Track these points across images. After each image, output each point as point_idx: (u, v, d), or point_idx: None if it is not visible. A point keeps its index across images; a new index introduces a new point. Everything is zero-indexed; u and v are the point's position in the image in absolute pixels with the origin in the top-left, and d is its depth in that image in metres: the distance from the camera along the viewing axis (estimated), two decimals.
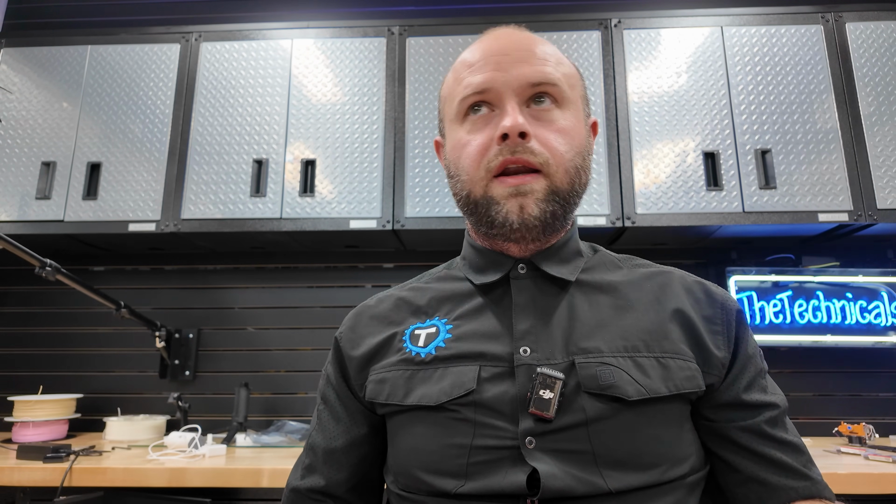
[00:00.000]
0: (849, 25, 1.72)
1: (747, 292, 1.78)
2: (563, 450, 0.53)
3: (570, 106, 0.62)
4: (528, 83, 0.59)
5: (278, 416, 1.84)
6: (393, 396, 0.60)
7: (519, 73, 0.59)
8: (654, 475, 0.53)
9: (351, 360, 0.66)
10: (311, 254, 1.99)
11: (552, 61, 0.62)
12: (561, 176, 0.59)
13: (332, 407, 0.68)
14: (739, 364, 0.60)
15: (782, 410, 0.59)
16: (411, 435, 0.59)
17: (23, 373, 1.94)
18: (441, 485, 0.55)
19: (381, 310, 0.69)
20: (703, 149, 1.65)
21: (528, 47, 0.61)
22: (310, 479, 0.66)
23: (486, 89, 0.60)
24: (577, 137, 0.61)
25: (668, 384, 0.55)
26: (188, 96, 1.78)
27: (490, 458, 0.54)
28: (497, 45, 0.62)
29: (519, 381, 0.56)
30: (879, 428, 1.74)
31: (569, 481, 0.51)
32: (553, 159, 0.58)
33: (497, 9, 2.16)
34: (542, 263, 0.63)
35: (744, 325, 0.62)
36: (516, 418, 0.55)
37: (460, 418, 0.56)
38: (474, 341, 0.60)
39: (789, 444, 0.58)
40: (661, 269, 0.67)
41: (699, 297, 0.63)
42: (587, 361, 0.56)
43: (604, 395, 0.54)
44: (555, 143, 0.59)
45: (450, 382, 0.57)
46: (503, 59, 0.60)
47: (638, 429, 0.54)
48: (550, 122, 0.60)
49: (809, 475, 0.57)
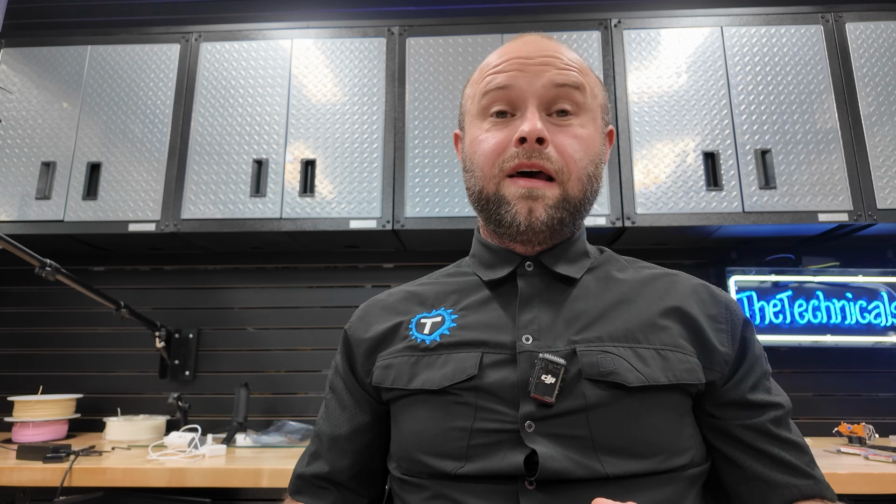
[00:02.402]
0: (849, 25, 1.72)
1: (747, 292, 1.78)
2: (563, 434, 0.54)
3: (589, 114, 0.64)
4: (552, 83, 0.61)
5: (278, 417, 1.84)
6: (398, 381, 0.62)
7: (543, 75, 0.61)
8: (652, 463, 0.53)
9: (360, 346, 0.68)
10: (311, 254, 1.99)
11: (577, 68, 0.64)
12: (574, 184, 0.61)
13: (339, 395, 0.69)
14: (747, 365, 0.61)
15: (787, 411, 0.60)
16: (414, 418, 0.60)
17: (23, 373, 1.94)
18: (441, 466, 0.56)
19: (391, 301, 0.72)
20: (703, 149, 1.65)
21: (555, 53, 0.63)
22: (315, 465, 0.67)
23: (508, 86, 0.62)
24: (593, 146, 0.63)
25: (667, 374, 0.56)
26: (188, 96, 1.78)
27: (490, 441, 0.55)
28: (524, 48, 0.64)
29: (521, 367, 0.57)
30: (879, 428, 1.74)
31: (567, 464, 0.52)
32: (567, 167, 0.60)
33: (497, 9, 2.16)
34: (548, 262, 0.65)
35: (751, 329, 0.63)
36: (517, 403, 0.56)
37: (462, 402, 0.57)
38: (478, 330, 0.61)
39: (793, 443, 0.59)
40: (667, 271, 0.69)
41: (704, 297, 0.64)
42: (588, 349, 0.57)
43: (604, 381, 0.55)
44: (570, 151, 0.61)
45: (452, 368, 0.59)
46: (528, 62, 0.62)
47: (637, 416, 0.55)
48: (568, 129, 0.62)
49: (813, 474, 0.58)
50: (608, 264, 0.69)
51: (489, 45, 1.76)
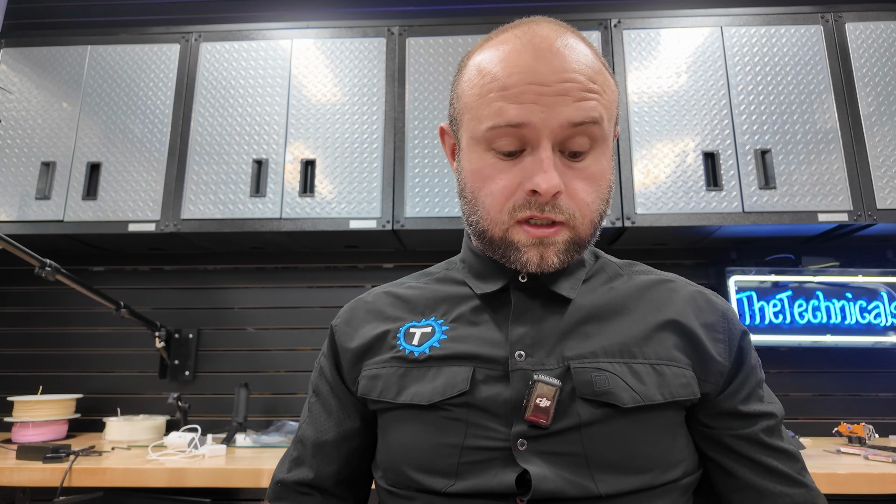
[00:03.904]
0: (848, 25, 1.72)
1: (747, 292, 1.78)
2: (555, 452, 0.53)
3: (604, 143, 0.57)
4: (569, 123, 0.53)
5: (278, 417, 1.84)
6: (386, 394, 0.60)
7: (560, 110, 0.53)
8: (647, 479, 0.53)
9: (345, 353, 0.66)
10: (311, 254, 1.99)
11: (598, 88, 0.55)
12: (586, 227, 0.57)
13: (325, 399, 0.68)
14: (742, 376, 0.60)
15: (779, 420, 0.61)
16: (403, 432, 0.59)
17: (23, 373, 1.94)
18: (430, 483, 0.55)
19: (377, 305, 0.69)
20: (703, 149, 1.65)
21: (573, 73, 0.54)
22: (297, 471, 0.65)
23: (522, 124, 0.53)
24: (604, 181, 0.58)
25: (663, 391, 0.55)
26: (188, 96, 1.78)
27: (481, 459, 0.54)
28: (536, 65, 0.54)
29: (514, 386, 0.56)
30: (879, 428, 1.75)
31: (559, 483, 0.52)
32: (580, 212, 0.56)
33: (497, 9, 2.16)
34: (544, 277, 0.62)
35: (748, 339, 0.62)
36: (509, 420, 0.55)
37: (452, 418, 0.56)
38: (469, 343, 0.60)
39: (785, 452, 0.59)
40: (662, 277, 0.66)
41: (701, 305, 0.62)
42: (582, 367, 0.56)
43: (598, 400, 0.54)
44: (583, 195, 0.56)
45: (443, 382, 0.57)
46: (544, 91, 0.53)
47: (631, 434, 0.54)
48: (582, 170, 0.56)
49: (804, 482, 0.58)
50: (603, 272, 0.66)
51: None
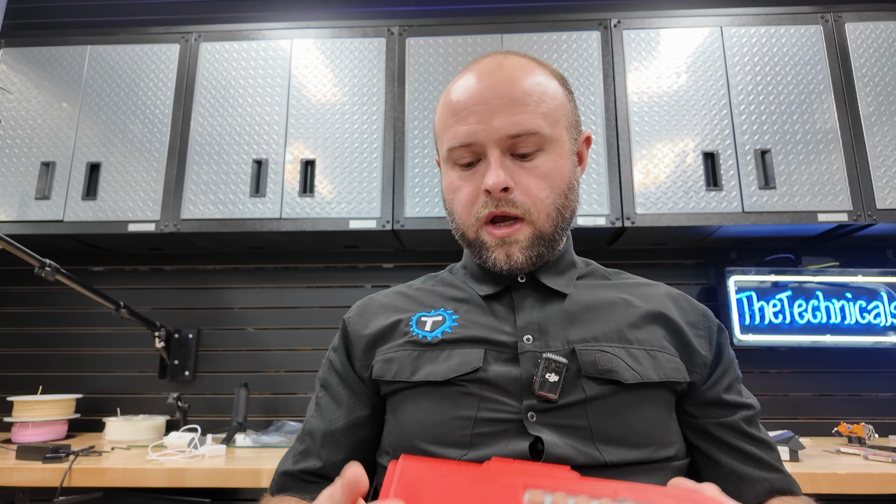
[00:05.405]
0: (848, 26, 1.72)
1: (747, 292, 1.78)
2: (563, 425, 0.58)
3: (553, 145, 0.64)
4: (506, 136, 0.62)
5: (278, 417, 1.84)
6: (400, 374, 0.63)
7: (498, 125, 0.62)
8: (645, 453, 0.58)
9: (359, 340, 0.70)
10: (311, 254, 1.99)
11: (532, 103, 0.63)
12: (543, 220, 0.64)
13: (334, 391, 0.70)
14: (722, 368, 0.67)
15: (757, 412, 0.67)
16: (417, 408, 0.62)
17: (22, 373, 1.94)
18: (444, 454, 0.58)
19: (389, 301, 0.74)
20: (703, 149, 1.65)
21: (509, 92, 0.62)
22: (304, 462, 0.67)
23: (470, 143, 0.63)
24: (559, 178, 0.64)
25: (658, 372, 0.61)
26: (188, 96, 1.78)
27: (494, 430, 0.58)
28: (479, 88, 0.63)
29: (524, 366, 0.60)
30: (879, 428, 1.74)
31: (568, 451, 0.56)
32: (534, 206, 0.63)
33: (497, 9, 2.16)
34: (539, 275, 0.69)
35: (725, 335, 0.70)
36: (520, 396, 0.59)
37: (466, 392, 0.60)
38: (479, 329, 0.64)
39: (763, 441, 0.65)
40: (648, 282, 0.74)
41: (684, 306, 0.70)
42: (586, 349, 0.61)
43: (602, 378, 0.59)
44: (536, 191, 0.63)
45: (457, 361, 0.61)
46: (484, 109, 0.62)
47: (632, 409, 0.59)
48: (532, 169, 0.63)
49: (781, 469, 0.64)
50: (594, 275, 0.74)
51: (489, 45, 1.76)
